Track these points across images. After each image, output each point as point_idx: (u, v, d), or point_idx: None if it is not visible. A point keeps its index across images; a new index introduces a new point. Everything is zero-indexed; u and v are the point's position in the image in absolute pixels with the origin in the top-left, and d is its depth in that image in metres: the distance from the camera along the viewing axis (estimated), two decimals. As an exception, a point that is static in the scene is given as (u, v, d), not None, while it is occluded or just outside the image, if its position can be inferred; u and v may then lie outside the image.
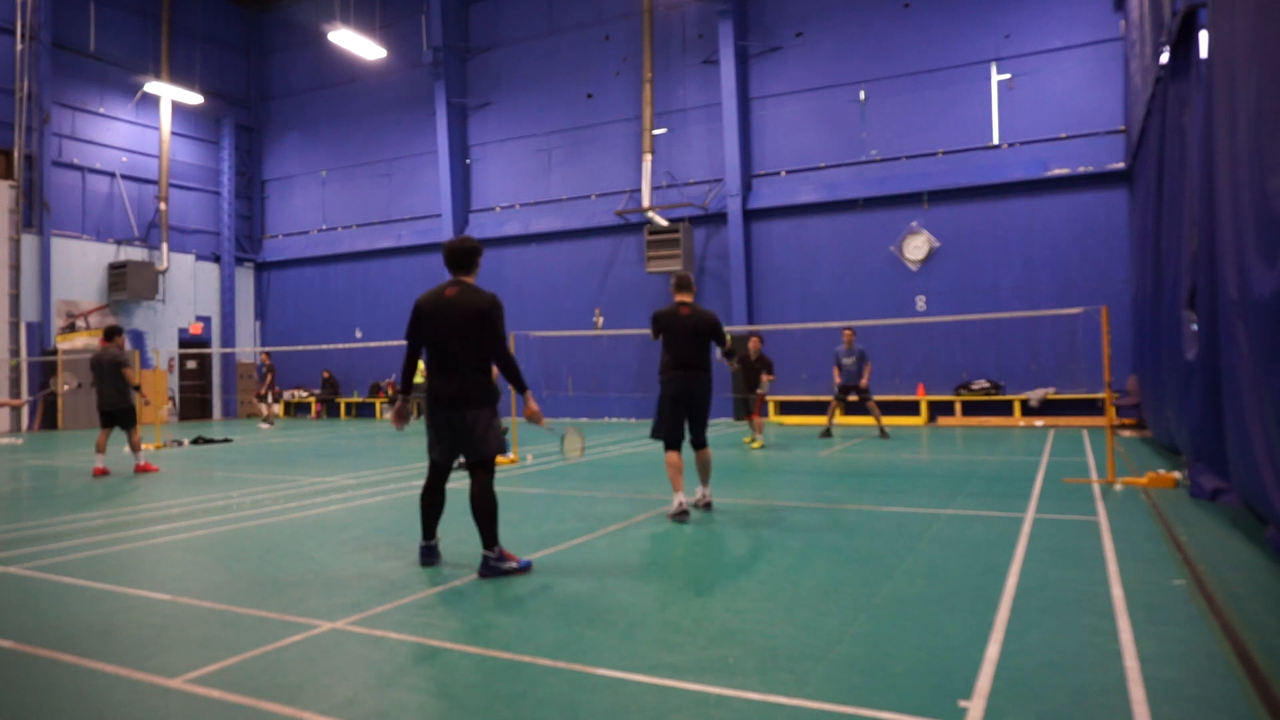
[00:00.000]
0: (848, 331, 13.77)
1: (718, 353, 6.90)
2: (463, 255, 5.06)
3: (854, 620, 3.82)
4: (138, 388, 10.70)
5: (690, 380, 6.53)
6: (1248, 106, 4.83)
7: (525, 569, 4.92)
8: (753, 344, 13.05)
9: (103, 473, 10.33)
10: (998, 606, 3.96)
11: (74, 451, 14.12)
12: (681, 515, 6.31)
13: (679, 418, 6.56)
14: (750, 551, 5.33)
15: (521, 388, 5.08)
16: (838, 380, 13.87)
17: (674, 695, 3.00)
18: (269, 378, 20.05)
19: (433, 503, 5.15)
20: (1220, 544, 5.19)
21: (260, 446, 14.66)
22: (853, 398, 13.73)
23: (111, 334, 10.67)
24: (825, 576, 4.64)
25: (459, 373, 4.89)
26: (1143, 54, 11.14)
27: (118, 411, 10.54)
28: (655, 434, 6.61)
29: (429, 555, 5.16)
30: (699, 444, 6.72)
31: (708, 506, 6.76)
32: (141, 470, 10.57)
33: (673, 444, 6.55)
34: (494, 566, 4.82)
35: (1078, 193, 15.76)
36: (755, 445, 12.23)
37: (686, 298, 6.68)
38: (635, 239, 19.82)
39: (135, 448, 10.72)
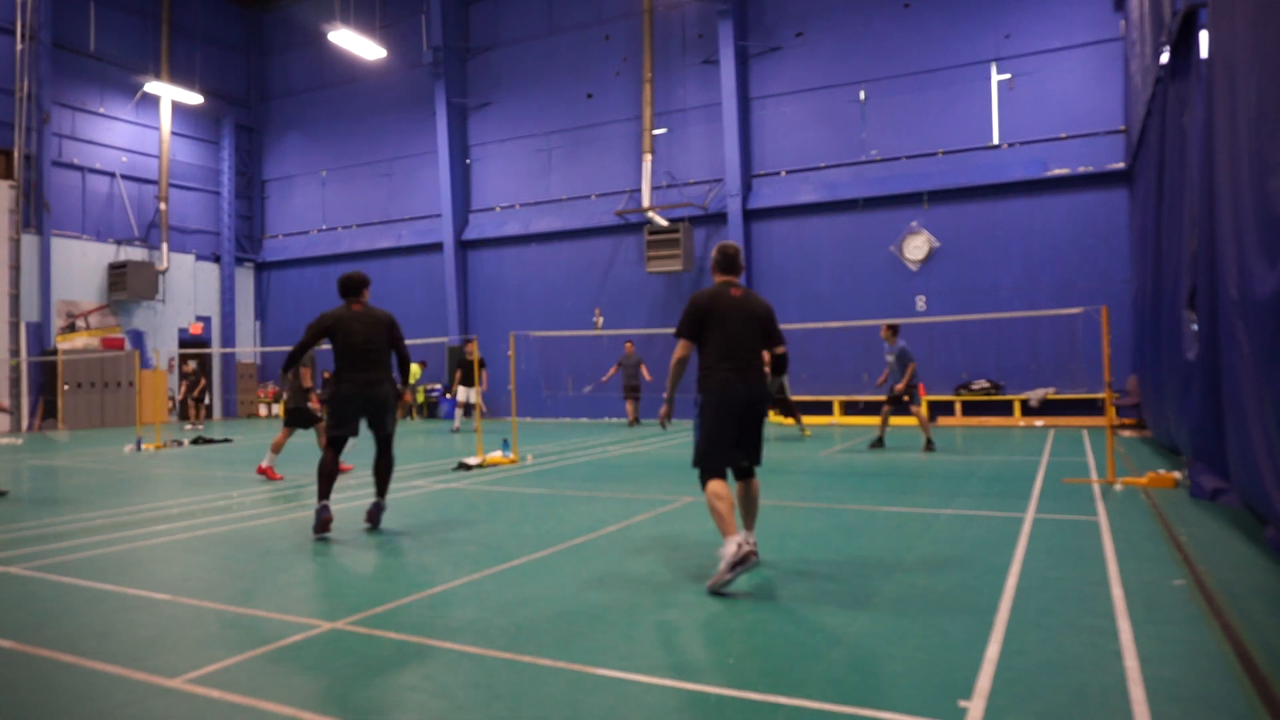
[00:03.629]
0: (884, 329, 11.77)
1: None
2: (355, 284, 6.44)
3: (854, 620, 3.82)
4: (309, 390, 9.96)
5: (748, 382, 4.68)
6: (1248, 106, 4.83)
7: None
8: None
9: (268, 472, 9.78)
10: (998, 606, 3.96)
11: (74, 451, 14.12)
12: (747, 560, 4.28)
13: (732, 433, 4.65)
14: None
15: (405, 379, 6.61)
16: (881, 382, 12.01)
17: (674, 695, 3.00)
18: (201, 383, 20.02)
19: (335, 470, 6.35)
20: (1220, 544, 5.19)
21: (260, 446, 14.65)
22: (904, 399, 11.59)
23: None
24: (825, 576, 4.64)
25: (377, 366, 6.28)
26: (1143, 54, 11.14)
27: (293, 411, 9.94)
28: (698, 460, 4.67)
29: (327, 514, 6.10)
30: (748, 472, 4.90)
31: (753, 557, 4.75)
32: (262, 472, 9.85)
33: (718, 470, 4.61)
34: (378, 513, 6.34)
35: (1078, 193, 15.76)
36: (806, 434, 13.67)
37: (733, 278, 4.92)
38: (635, 239, 19.82)
39: (276, 448, 9.86)
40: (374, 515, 6.33)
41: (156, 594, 4.58)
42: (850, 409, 17.34)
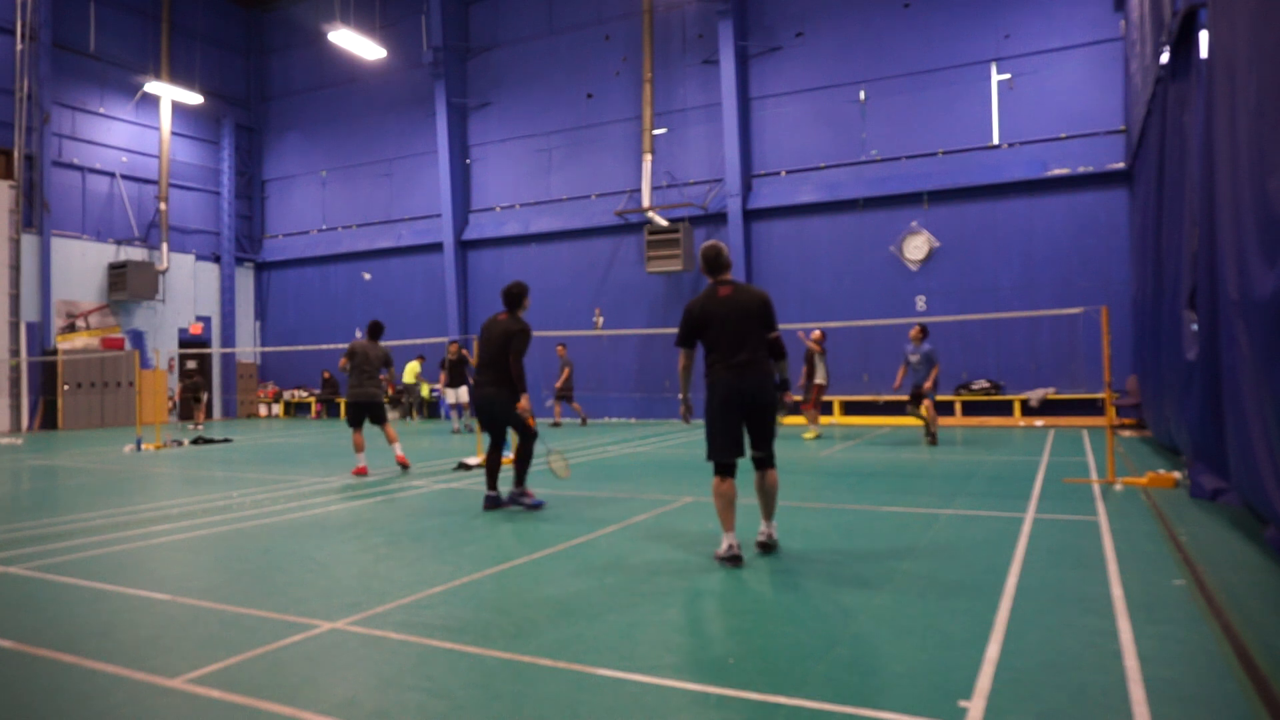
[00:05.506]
0: (915, 329, 12.01)
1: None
2: (512, 297, 7.23)
3: (854, 620, 3.82)
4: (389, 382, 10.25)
5: (744, 378, 5.01)
6: (1248, 106, 4.83)
7: (538, 506, 7.03)
8: (815, 335, 13.58)
9: (362, 472, 9.85)
10: (998, 607, 3.95)
11: (74, 451, 14.12)
12: (733, 560, 4.90)
13: (733, 430, 5.04)
14: (750, 552, 5.31)
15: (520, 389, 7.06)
16: (898, 383, 12.27)
17: (674, 695, 3.00)
18: (201, 393, 20.15)
19: (493, 463, 7.28)
20: (1220, 544, 5.19)
21: (260, 447, 14.66)
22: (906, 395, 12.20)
23: (376, 331, 10.09)
24: (825, 577, 4.64)
25: (489, 370, 7.06)
26: (1143, 54, 11.14)
27: (373, 405, 9.93)
28: (710, 455, 5.13)
29: (490, 503, 7.08)
30: (764, 462, 5.20)
31: (767, 547, 5.21)
32: (401, 461, 9.99)
33: (726, 468, 5.07)
34: (516, 498, 7.05)
35: (1078, 193, 15.76)
36: (810, 435, 13.24)
37: (725, 275, 5.26)
38: (635, 239, 19.82)
39: (392, 439, 10.01)
40: (509, 498, 7.19)
41: (156, 594, 4.58)
42: (851, 409, 17.34)
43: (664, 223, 18.87)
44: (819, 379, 13.72)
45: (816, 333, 13.78)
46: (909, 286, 17.05)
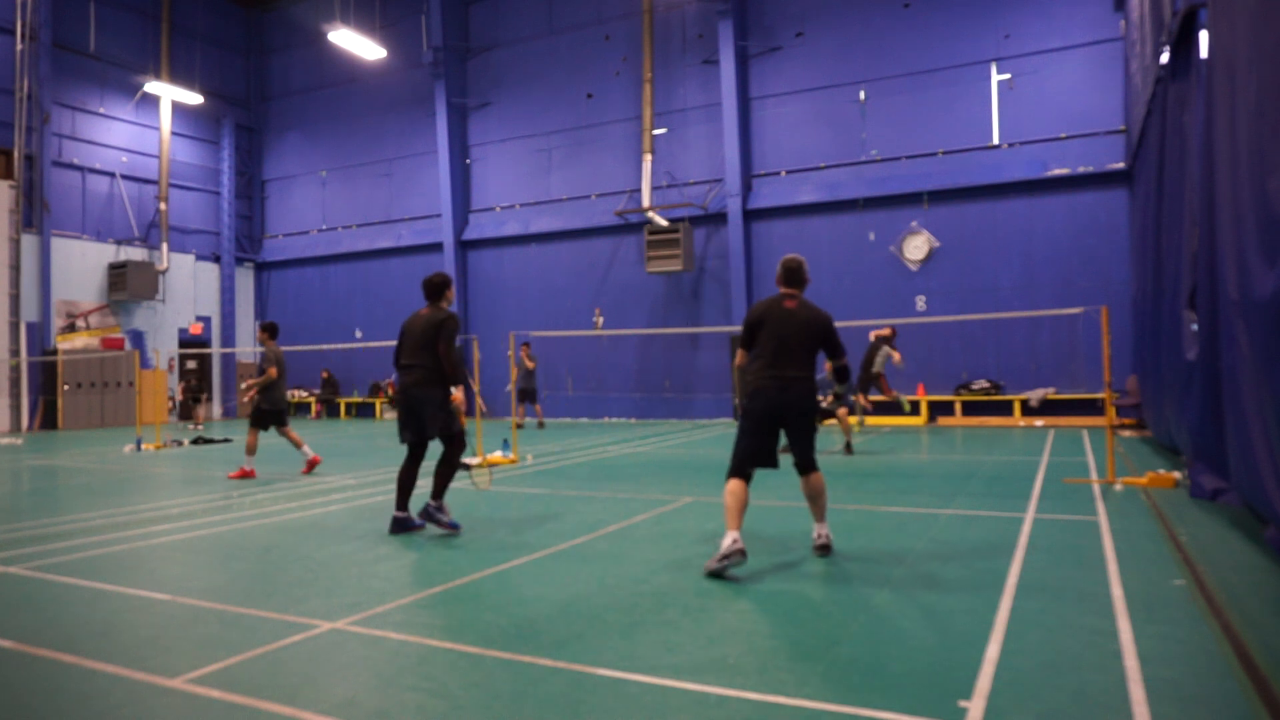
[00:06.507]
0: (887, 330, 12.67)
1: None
2: (434, 288, 6.44)
3: (854, 620, 3.82)
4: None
5: (787, 389, 5.05)
6: (1248, 106, 4.83)
7: (455, 529, 6.11)
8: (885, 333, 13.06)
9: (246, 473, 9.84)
10: (998, 607, 3.96)
11: (74, 451, 14.12)
12: (733, 557, 4.66)
13: (764, 438, 5.06)
14: (750, 552, 5.31)
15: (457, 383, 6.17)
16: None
17: (674, 695, 3.00)
18: (202, 397, 20.22)
19: (407, 479, 6.30)
20: (1220, 544, 5.19)
21: (259, 446, 14.64)
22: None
23: (277, 332, 10.85)
24: (825, 577, 4.64)
25: (414, 369, 6.18)
26: (1143, 54, 11.14)
27: (272, 413, 10.13)
28: (734, 460, 5.08)
29: (398, 525, 6.19)
30: (805, 468, 5.24)
31: (824, 550, 5.15)
32: (238, 476, 9.78)
33: (742, 471, 5.00)
34: (432, 514, 6.11)
35: (1077, 193, 15.76)
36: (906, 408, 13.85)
37: (795, 290, 5.33)
38: (635, 239, 19.82)
39: (250, 450, 10.01)
40: (422, 514, 6.21)
41: (156, 594, 4.58)
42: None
43: (664, 223, 18.87)
44: (876, 368, 13.44)
45: (885, 330, 13.49)
46: (909, 286, 17.05)
